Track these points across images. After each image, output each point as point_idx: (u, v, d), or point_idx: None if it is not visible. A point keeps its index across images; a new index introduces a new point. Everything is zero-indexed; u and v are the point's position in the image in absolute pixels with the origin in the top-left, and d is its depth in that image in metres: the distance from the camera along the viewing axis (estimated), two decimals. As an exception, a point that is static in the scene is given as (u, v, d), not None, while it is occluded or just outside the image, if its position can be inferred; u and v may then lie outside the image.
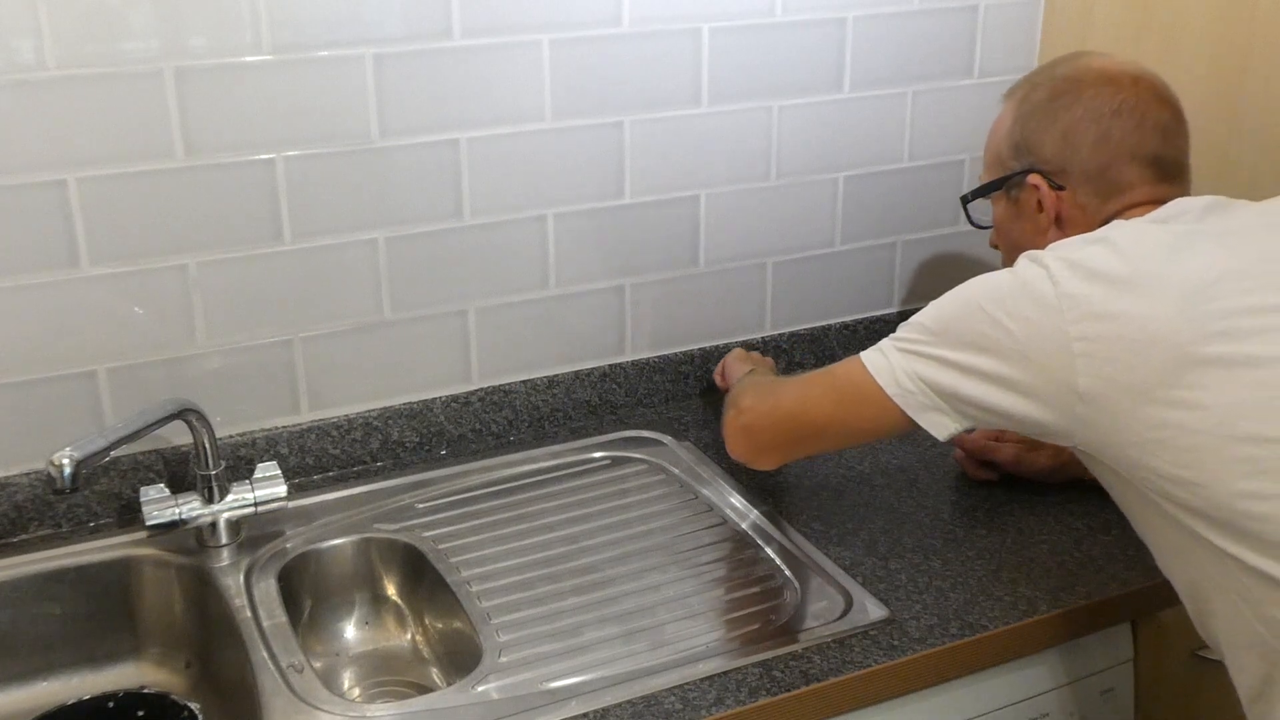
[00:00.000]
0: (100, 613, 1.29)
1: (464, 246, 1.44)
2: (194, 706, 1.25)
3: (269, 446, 1.40)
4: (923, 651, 1.14)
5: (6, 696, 1.26)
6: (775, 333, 1.67)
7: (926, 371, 1.08)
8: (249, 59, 1.27)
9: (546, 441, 1.53)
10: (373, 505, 1.38)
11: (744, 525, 1.37)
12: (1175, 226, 1.06)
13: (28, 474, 1.30)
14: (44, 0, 1.18)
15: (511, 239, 1.46)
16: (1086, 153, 1.16)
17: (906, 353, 1.10)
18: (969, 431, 1.13)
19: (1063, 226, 1.18)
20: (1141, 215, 1.11)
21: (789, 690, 1.09)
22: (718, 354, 1.63)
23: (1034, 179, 1.20)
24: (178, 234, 1.30)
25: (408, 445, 1.48)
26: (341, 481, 1.43)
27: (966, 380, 1.06)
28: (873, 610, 1.20)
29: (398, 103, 1.35)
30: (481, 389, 1.50)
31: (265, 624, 1.19)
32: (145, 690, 1.27)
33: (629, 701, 1.08)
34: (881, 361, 1.11)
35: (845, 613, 1.20)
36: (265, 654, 1.14)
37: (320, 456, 1.43)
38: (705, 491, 1.43)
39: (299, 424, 1.41)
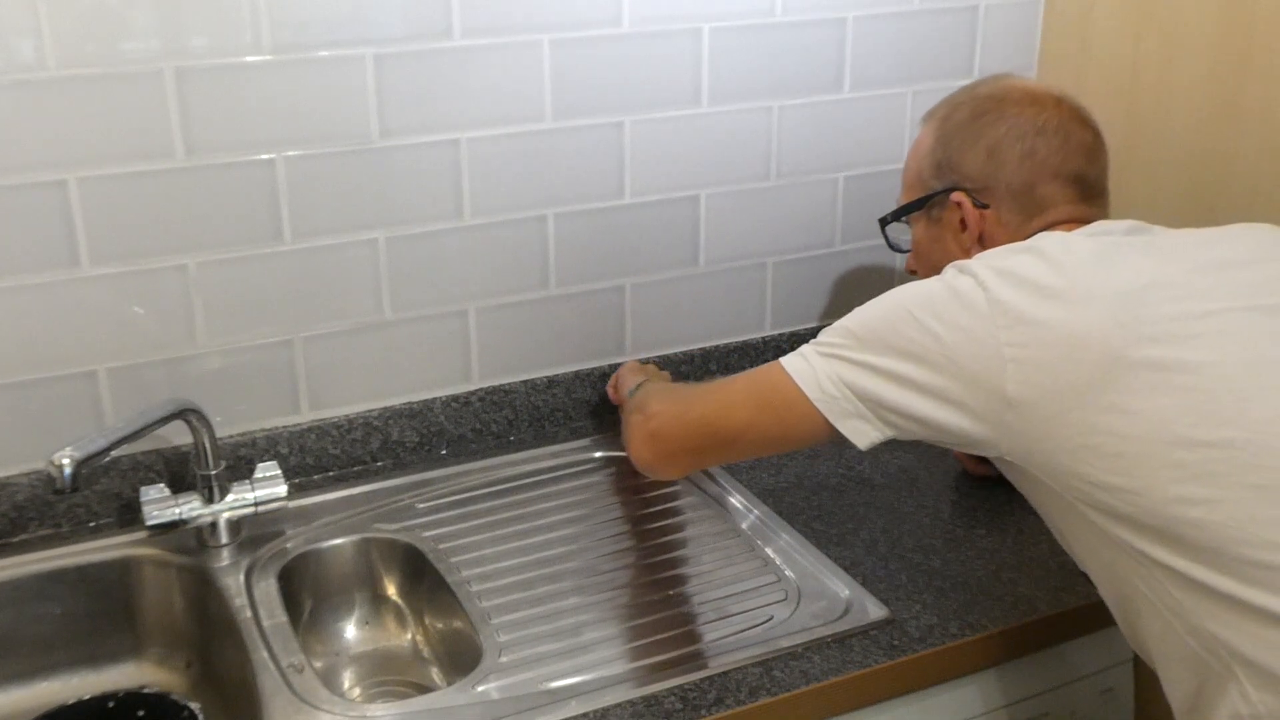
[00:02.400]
0: (100, 613, 1.29)
1: (464, 246, 1.44)
2: (194, 706, 1.25)
3: (269, 446, 1.40)
4: (923, 651, 1.15)
5: (6, 696, 1.26)
6: (775, 333, 1.67)
7: (850, 376, 1.05)
8: (249, 59, 1.27)
9: (546, 441, 1.53)
10: (373, 505, 1.38)
11: (744, 525, 1.37)
12: (1101, 239, 1.06)
13: (28, 474, 1.30)
14: (44, 0, 1.18)
15: (511, 239, 1.46)
16: (1011, 169, 1.15)
17: (830, 357, 1.06)
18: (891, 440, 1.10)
19: (985, 245, 1.16)
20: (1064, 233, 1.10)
21: (789, 690, 1.09)
22: (718, 354, 1.63)
23: (957, 196, 1.18)
24: (178, 234, 1.30)
25: (408, 445, 1.48)
26: (341, 481, 1.43)
27: (891, 387, 1.03)
28: (873, 610, 1.20)
29: (398, 103, 1.35)
30: (481, 389, 1.50)
31: (265, 624, 1.19)
32: (145, 690, 1.27)
33: (629, 701, 1.08)
34: (803, 366, 1.07)
35: (845, 613, 1.20)
36: (265, 654, 1.14)
37: (320, 456, 1.43)
38: (705, 491, 1.43)
39: (299, 424, 1.41)
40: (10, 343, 1.26)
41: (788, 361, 1.09)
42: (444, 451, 1.50)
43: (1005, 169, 1.16)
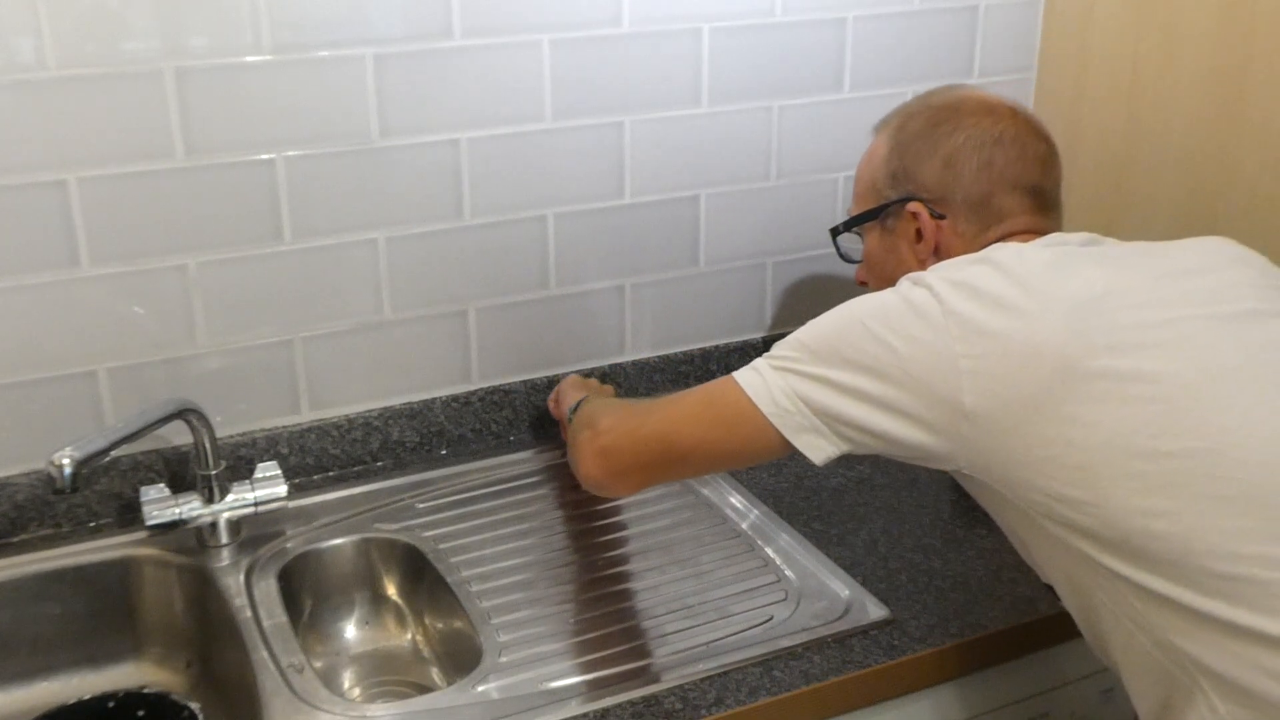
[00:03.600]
0: (100, 613, 1.29)
1: (464, 246, 1.44)
2: (194, 706, 1.25)
3: (269, 446, 1.40)
4: (923, 651, 1.15)
5: (6, 696, 1.26)
6: (775, 333, 1.67)
7: (805, 390, 1.02)
8: (249, 59, 1.27)
9: (546, 442, 1.53)
10: (373, 505, 1.38)
11: (744, 525, 1.37)
12: (1056, 249, 1.05)
13: (28, 474, 1.30)
14: (44, 0, 1.18)
15: (511, 239, 1.46)
16: (969, 180, 1.14)
17: (784, 370, 1.04)
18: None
19: (941, 256, 1.15)
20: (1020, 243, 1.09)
21: (789, 690, 1.09)
22: (718, 354, 1.63)
23: (914, 207, 1.16)
24: (178, 234, 1.30)
25: (408, 445, 1.48)
26: (341, 481, 1.43)
27: (846, 401, 1.01)
28: (873, 610, 1.20)
29: (398, 103, 1.35)
30: (481, 389, 1.50)
31: (265, 624, 1.19)
32: (145, 690, 1.27)
33: (629, 701, 1.08)
34: (757, 380, 1.05)
35: (845, 613, 1.20)
36: (265, 654, 1.14)
37: (320, 456, 1.43)
38: (705, 491, 1.43)
39: (299, 424, 1.41)
40: (10, 343, 1.26)
41: (741, 375, 1.06)
42: (444, 451, 1.50)
43: (963, 179, 1.14)
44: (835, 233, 1.31)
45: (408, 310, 1.44)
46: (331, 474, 1.44)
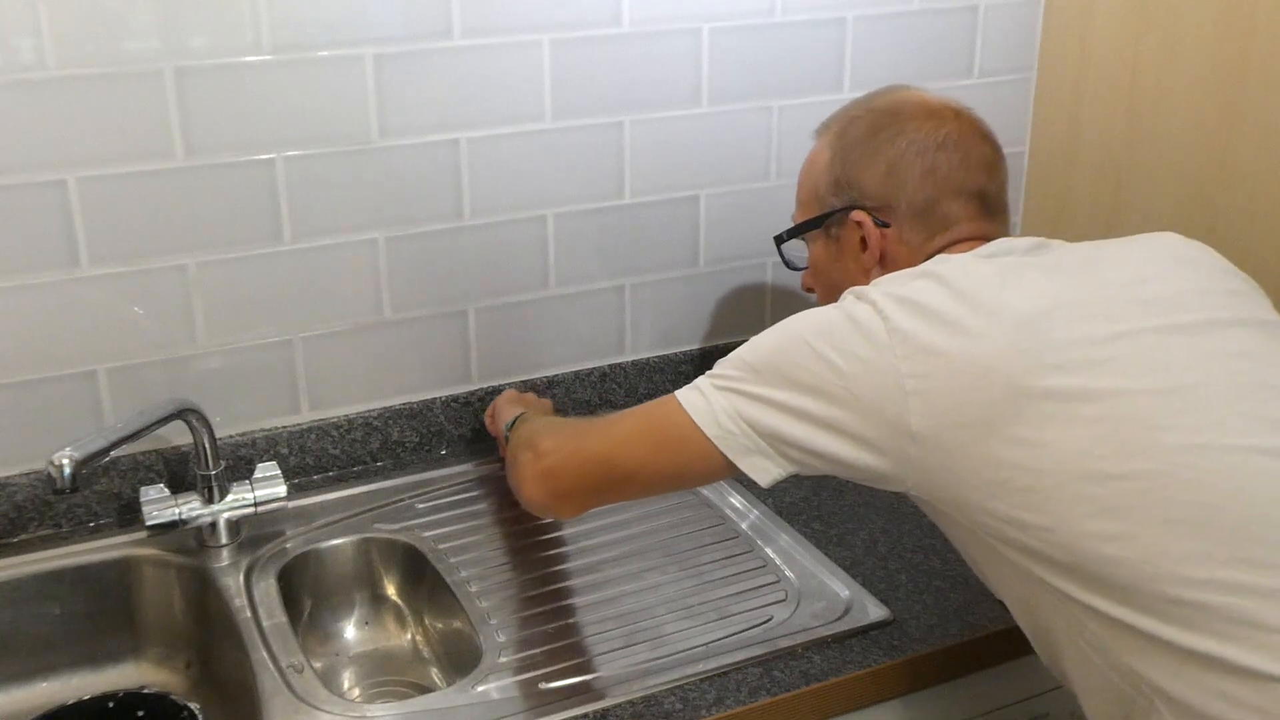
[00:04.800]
0: (100, 613, 1.29)
1: (464, 246, 1.44)
2: (194, 706, 1.25)
3: (269, 446, 1.40)
4: (923, 651, 1.15)
5: (6, 696, 1.26)
6: (775, 333, 1.66)
7: (749, 411, 1.00)
8: (249, 59, 1.27)
9: (546, 441, 1.52)
10: (373, 505, 1.38)
11: (744, 525, 1.37)
12: (1001, 260, 1.02)
13: (28, 474, 1.30)
14: (44, 0, 1.18)
15: (511, 239, 1.46)
16: (913, 187, 1.11)
17: (726, 390, 1.01)
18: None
19: (886, 265, 1.13)
20: (966, 251, 1.07)
21: (789, 690, 1.09)
22: (718, 353, 1.62)
23: (858, 216, 1.13)
24: (178, 234, 1.30)
25: (408, 445, 1.48)
26: (341, 481, 1.43)
27: (790, 421, 0.98)
28: (873, 610, 1.20)
29: (398, 103, 1.35)
30: (481, 389, 1.50)
31: (265, 624, 1.19)
32: (145, 690, 1.27)
33: (629, 701, 1.08)
34: (699, 401, 1.02)
35: (845, 613, 1.20)
36: (265, 654, 1.14)
37: (320, 456, 1.43)
38: (705, 491, 1.43)
39: (299, 424, 1.41)
40: (10, 343, 1.26)
41: (684, 395, 1.03)
42: (444, 451, 1.50)
43: (906, 187, 1.11)
44: (780, 241, 1.27)
45: (408, 310, 1.44)
46: (331, 474, 1.44)
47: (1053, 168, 1.69)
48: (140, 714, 1.24)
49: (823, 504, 1.39)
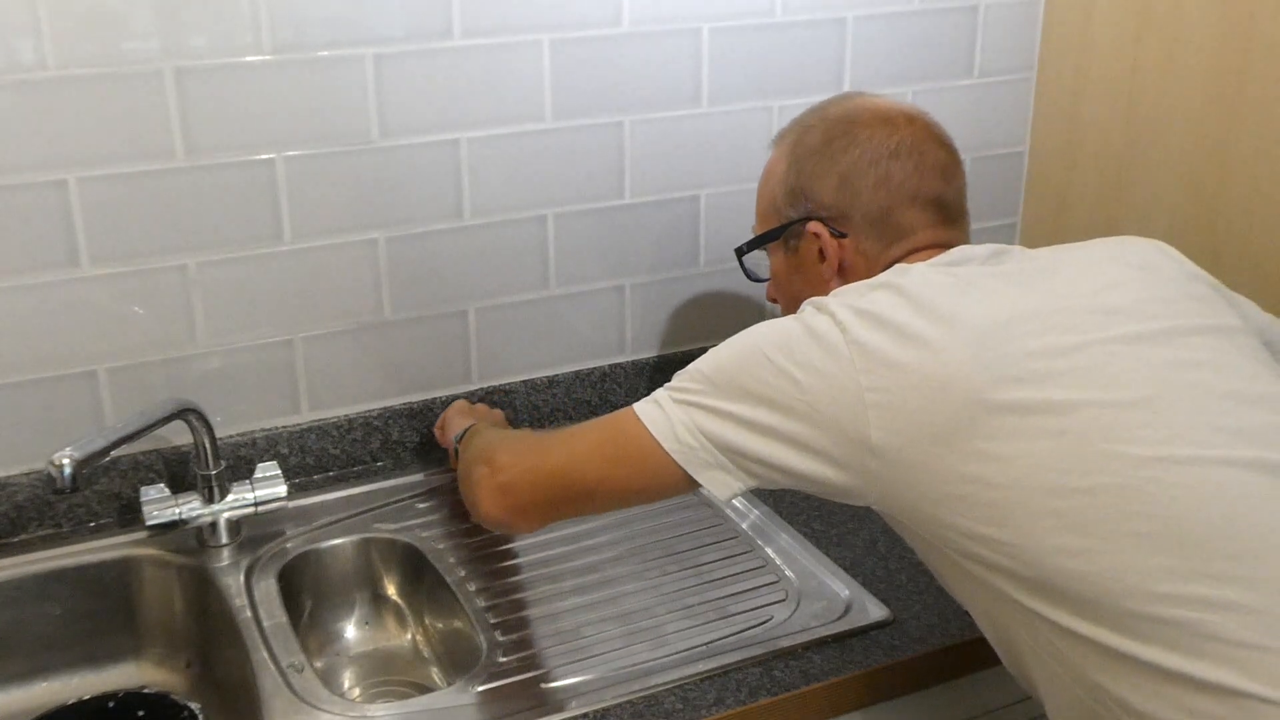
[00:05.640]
0: (100, 613, 1.29)
1: (464, 246, 1.44)
2: (194, 706, 1.25)
3: (269, 446, 1.40)
4: (923, 651, 1.15)
5: (6, 696, 1.26)
6: (775, 333, 1.66)
7: (708, 425, 0.98)
8: (249, 59, 1.27)
9: (546, 441, 1.52)
10: (373, 505, 1.38)
11: (744, 525, 1.37)
12: (960, 270, 1.01)
13: (28, 474, 1.30)
14: (44, 0, 1.18)
15: (511, 239, 1.46)
16: (867, 196, 1.10)
17: (685, 404, 0.99)
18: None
19: (845, 275, 1.11)
20: (925, 260, 1.05)
21: (789, 690, 1.09)
22: (718, 354, 1.62)
23: (814, 227, 1.12)
24: (178, 234, 1.30)
25: (408, 445, 1.48)
26: (341, 481, 1.43)
27: (750, 435, 0.97)
28: (873, 610, 1.20)
29: (398, 103, 1.35)
30: (481, 389, 1.50)
31: (265, 624, 1.19)
32: (145, 690, 1.27)
33: (629, 702, 1.08)
34: (657, 414, 1.00)
35: (845, 613, 1.20)
36: (265, 654, 1.14)
37: (320, 456, 1.43)
38: (705, 491, 1.42)
39: (299, 424, 1.41)
40: (10, 343, 1.26)
41: (642, 408, 1.02)
42: (444, 451, 1.50)
43: (861, 196, 1.10)
44: (740, 253, 1.26)
45: (408, 310, 1.44)
46: (331, 474, 1.44)
47: (1053, 168, 1.69)
48: (140, 714, 1.25)
49: (823, 504, 1.39)
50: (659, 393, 1.03)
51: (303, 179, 1.33)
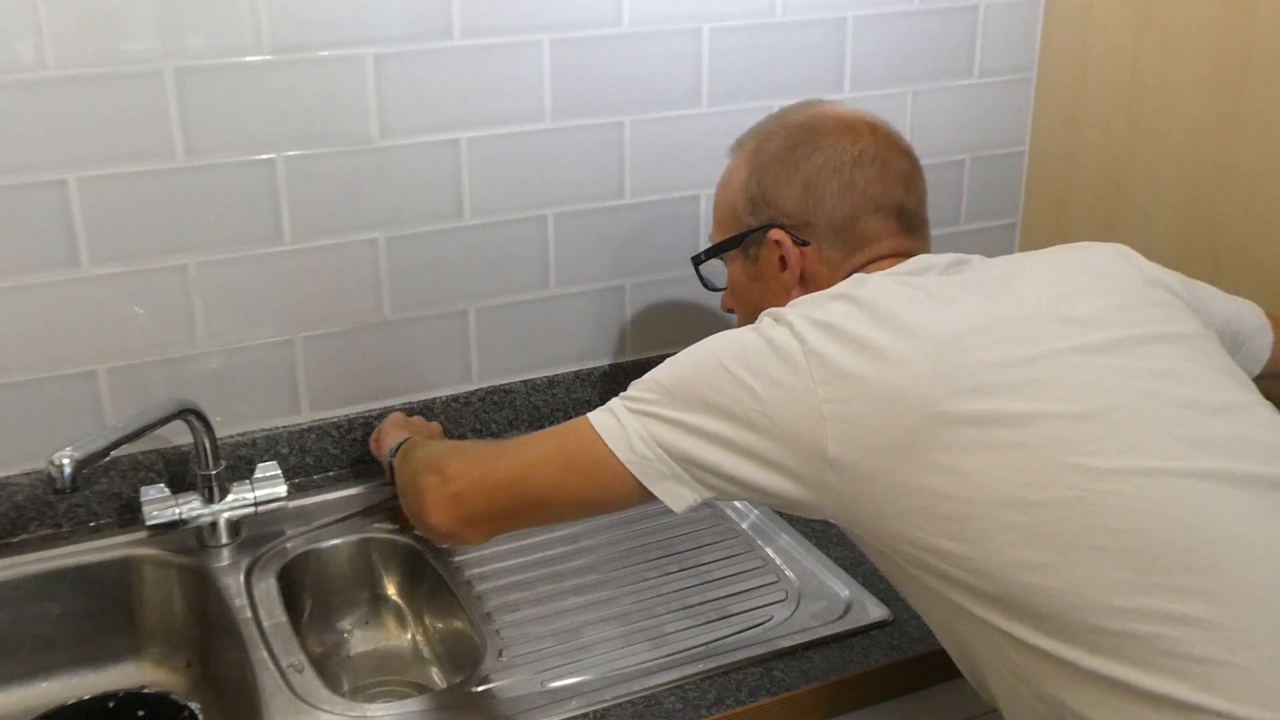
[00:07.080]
0: (100, 613, 1.29)
1: (464, 246, 1.44)
2: (194, 706, 1.25)
3: (269, 446, 1.40)
4: (922, 651, 1.15)
5: (6, 696, 1.26)
6: (775, 333, 1.66)
7: (663, 435, 0.96)
8: (249, 59, 1.27)
9: (546, 441, 1.52)
10: (373, 505, 1.38)
11: (744, 525, 1.37)
12: (919, 280, 1.00)
13: (28, 474, 1.30)
14: (44, 0, 1.18)
15: (511, 239, 1.46)
16: (831, 204, 1.09)
17: (640, 414, 0.98)
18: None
19: (806, 284, 1.11)
20: (885, 269, 1.05)
21: (789, 690, 1.09)
22: (718, 354, 1.62)
23: (776, 235, 1.11)
24: (178, 234, 1.30)
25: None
26: (341, 481, 1.43)
27: (706, 447, 0.95)
28: (873, 610, 1.20)
29: (398, 103, 1.35)
30: (481, 389, 1.50)
31: (265, 624, 1.19)
32: (145, 690, 1.27)
33: (629, 702, 1.08)
34: (612, 424, 0.98)
35: (845, 613, 1.20)
36: (265, 654, 1.14)
37: (320, 456, 1.43)
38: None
39: (299, 424, 1.41)
40: (10, 343, 1.26)
41: (597, 418, 1.00)
42: (444, 451, 1.50)
43: (824, 204, 1.09)
44: (697, 262, 1.25)
45: (408, 310, 1.44)
46: (331, 474, 1.44)
47: (1053, 168, 1.69)
48: (140, 714, 1.25)
49: (823, 504, 1.39)
50: (614, 402, 1.01)
51: (303, 179, 1.33)
